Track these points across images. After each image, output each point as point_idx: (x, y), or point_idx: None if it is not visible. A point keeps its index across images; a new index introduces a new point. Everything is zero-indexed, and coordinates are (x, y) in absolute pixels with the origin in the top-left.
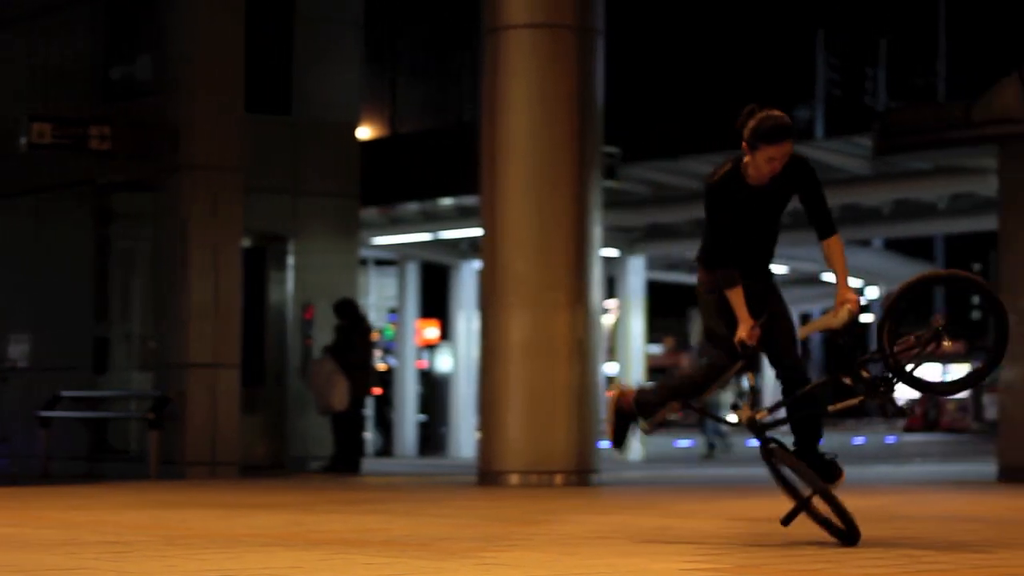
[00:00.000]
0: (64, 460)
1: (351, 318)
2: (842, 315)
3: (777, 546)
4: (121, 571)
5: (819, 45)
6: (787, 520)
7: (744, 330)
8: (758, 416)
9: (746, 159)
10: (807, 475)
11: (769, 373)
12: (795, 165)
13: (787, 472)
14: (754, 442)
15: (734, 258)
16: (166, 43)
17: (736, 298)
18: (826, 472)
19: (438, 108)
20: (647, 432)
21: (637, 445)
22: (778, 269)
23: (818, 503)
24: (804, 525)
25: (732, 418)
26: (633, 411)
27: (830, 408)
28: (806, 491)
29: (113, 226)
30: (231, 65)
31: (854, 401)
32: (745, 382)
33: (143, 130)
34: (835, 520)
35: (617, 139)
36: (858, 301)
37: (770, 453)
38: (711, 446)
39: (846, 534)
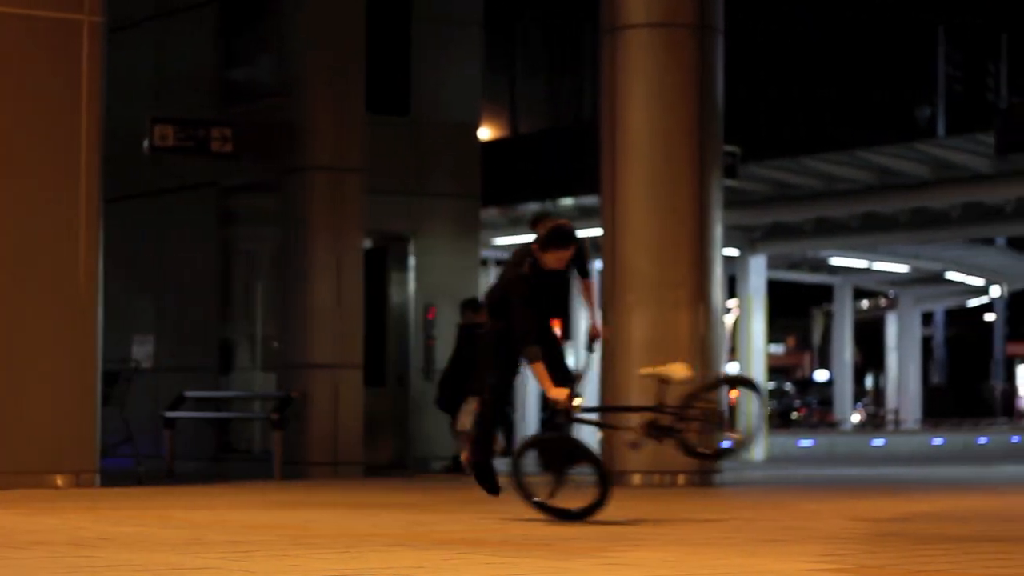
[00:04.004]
0: (188, 460)
1: (477, 316)
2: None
3: (900, 546)
4: (245, 570)
5: (940, 42)
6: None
7: (559, 395)
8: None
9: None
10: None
11: None
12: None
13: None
14: None
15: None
16: (286, 44)
17: (543, 371)
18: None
19: (557, 107)
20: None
21: (760, 445)
22: (900, 267)
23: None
24: (929, 523)
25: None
26: (483, 462)
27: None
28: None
29: (236, 227)
30: (351, 65)
31: None
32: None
33: (264, 132)
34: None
35: (737, 138)
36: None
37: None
38: None
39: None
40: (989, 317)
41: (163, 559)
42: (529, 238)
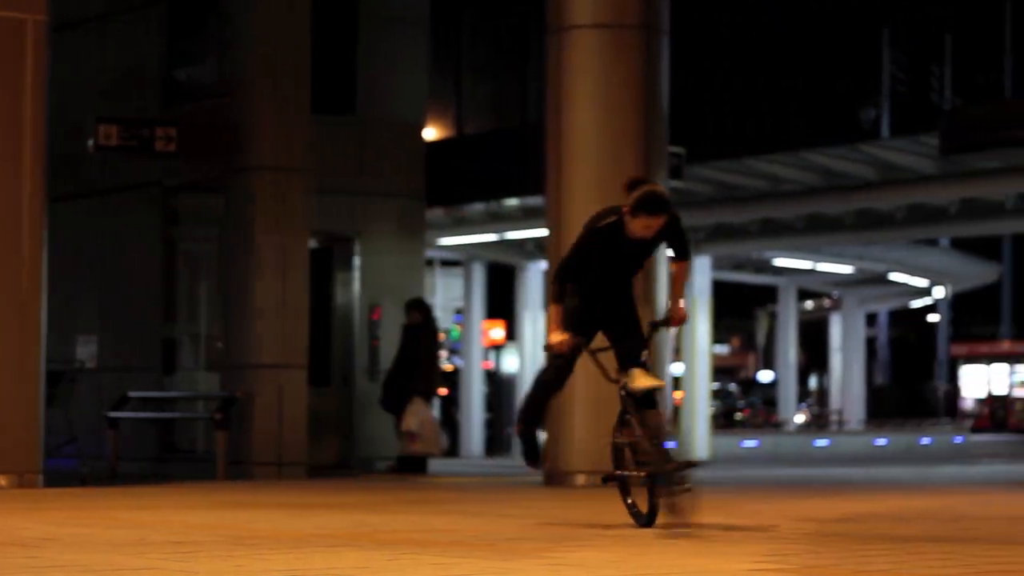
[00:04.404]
0: (132, 460)
1: (422, 316)
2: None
3: (844, 546)
4: (188, 571)
5: (884, 43)
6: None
7: (555, 339)
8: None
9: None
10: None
11: None
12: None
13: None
14: None
15: (583, 284)
16: (231, 44)
17: (554, 312)
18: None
19: (503, 108)
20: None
21: (703, 445)
22: (844, 268)
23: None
24: (872, 524)
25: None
26: (528, 428)
27: None
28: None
29: (180, 227)
30: (297, 65)
31: None
32: None
33: (209, 132)
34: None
35: (682, 139)
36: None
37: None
38: None
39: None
40: (933, 318)
41: (107, 559)
42: (474, 238)
